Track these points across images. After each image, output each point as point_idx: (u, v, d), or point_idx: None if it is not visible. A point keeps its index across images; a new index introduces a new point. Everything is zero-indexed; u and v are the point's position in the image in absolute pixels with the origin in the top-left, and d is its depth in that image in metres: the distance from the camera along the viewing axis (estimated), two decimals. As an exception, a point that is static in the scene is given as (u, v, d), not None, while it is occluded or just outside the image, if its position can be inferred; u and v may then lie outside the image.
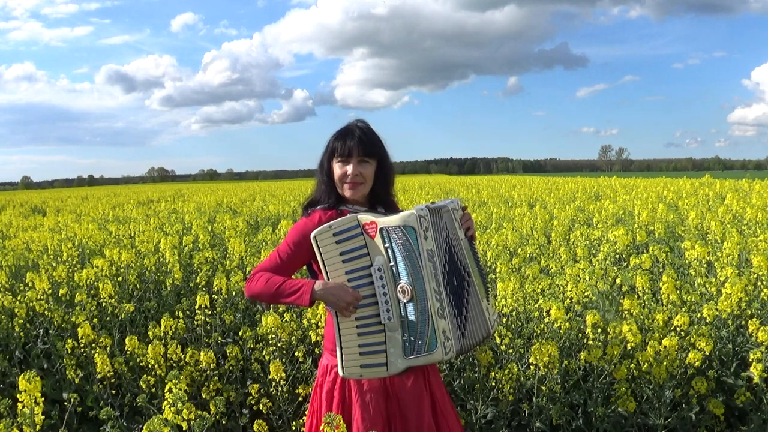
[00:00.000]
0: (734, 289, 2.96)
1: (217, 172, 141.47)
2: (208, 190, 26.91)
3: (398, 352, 1.86)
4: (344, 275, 1.88)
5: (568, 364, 2.88)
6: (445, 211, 1.97)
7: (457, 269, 1.96)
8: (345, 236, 1.88)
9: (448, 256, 1.93)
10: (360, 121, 2.09)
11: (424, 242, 1.83)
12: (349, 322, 1.89)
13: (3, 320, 3.54)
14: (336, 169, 2.02)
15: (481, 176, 60.41)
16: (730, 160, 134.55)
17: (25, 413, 1.92)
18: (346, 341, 1.89)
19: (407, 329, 1.85)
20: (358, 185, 2.02)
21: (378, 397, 1.96)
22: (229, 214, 9.09)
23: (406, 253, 1.83)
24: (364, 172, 2.01)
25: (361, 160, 2.01)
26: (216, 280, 3.72)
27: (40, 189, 66.18)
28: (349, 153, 1.99)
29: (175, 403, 1.69)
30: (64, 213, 12.79)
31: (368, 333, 1.88)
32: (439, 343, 1.83)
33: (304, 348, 3.12)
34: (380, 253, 1.86)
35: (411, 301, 1.83)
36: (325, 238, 1.88)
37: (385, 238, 1.84)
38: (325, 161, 2.06)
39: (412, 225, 1.82)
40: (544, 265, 4.47)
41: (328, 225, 1.89)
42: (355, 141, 2.00)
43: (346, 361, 1.89)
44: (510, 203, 11.02)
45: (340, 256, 1.88)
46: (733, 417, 2.97)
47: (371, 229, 1.86)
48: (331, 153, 2.04)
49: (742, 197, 7.84)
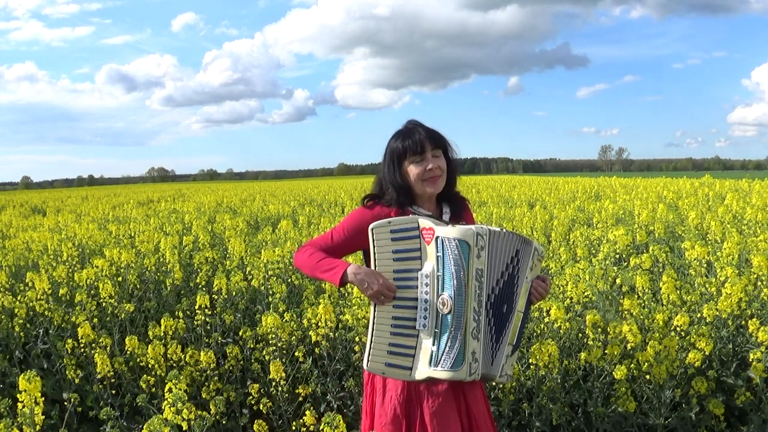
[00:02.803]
0: (734, 289, 2.96)
1: (217, 172, 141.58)
2: (208, 190, 26.93)
3: (425, 360, 1.85)
4: (392, 273, 1.88)
5: (568, 364, 2.89)
6: (524, 242, 1.97)
7: (511, 300, 1.95)
8: (402, 235, 1.87)
9: (505, 283, 1.92)
10: (411, 120, 2.09)
11: (476, 260, 1.83)
12: (385, 320, 1.89)
13: (3, 320, 3.54)
14: (412, 169, 2.00)
15: (481, 176, 60.37)
16: (730, 160, 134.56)
17: (25, 413, 1.92)
18: (378, 336, 1.89)
19: (438, 340, 1.84)
20: (437, 178, 2.02)
21: (399, 401, 1.96)
22: (229, 214, 9.10)
23: (455, 266, 1.81)
24: (441, 165, 2.02)
25: (434, 154, 2.02)
26: (216, 280, 3.72)
27: (40, 189, 66.19)
28: (422, 148, 1.99)
29: (175, 403, 1.69)
30: (64, 213, 12.80)
31: (401, 335, 1.87)
32: (466, 363, 1.82)
33: (304, 348, 3.12)
34: (431, 260, 1.85)
35: (449, 314, 1.82)
36: (381, 232, 1.88)
37: (439, 248, 1.83)
38: (394, 164, 2.02)
39: (467, 240, 1.81)
40: (544, 265, 4.47)
41: (388, 221, 1.89)
42: (424, 135, 2.00)
43: (373, 356, 1.89)
44: (510, 203, 11.02)
45: (393, 254, 1.88)
46: (733, 417, 2.97)
47: (428, 235, 1.85)
48: (400, 155, 2.01)
49: (742, 197, 7.85)
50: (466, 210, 2.17)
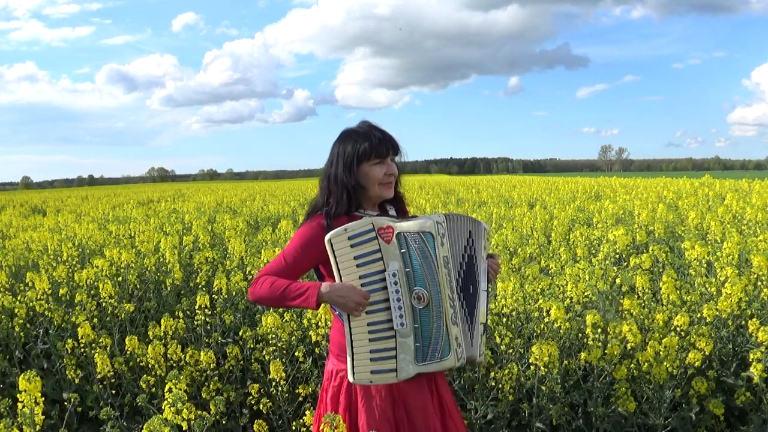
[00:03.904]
0: (734, 289, 2.96)
1: (217, 172, 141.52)
2: (208, 190, 26.91)
3: (409, 359, 1.84)
4: (358, 279, 1.85)
5: (568, 364, 2.88)
6: (473, 222, 1.97)
7: (474, 280, 1.95)
8: (360, 239, 1.84)
9: (467, 264, 1.92)
10: (365, 121, 2.05)
11: (440, 249, 1.83)
12: (360, 328, 1.85)
13: (3, 320, 3.54)
14: (374, 171, 1.96)
15: (481, 176, 60.40)
16: (730, 160, 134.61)
17: (25, 413, 1.92)
18: (357, 347, 1.86)
19: (421, 336, 1.83)
20: (392, 184, 2.01)
21: (384, 403, 1.95)
22: (229, 214, 9.09)
23: (423, 259, 1.81)
24: (395, 171, 2.01)
25: (391, 158, 2.00)
26: (216, 280, 3.72)
27: (40, 189, 66.16)
28: (387, 152, 1.96)
29: (175, 403, 1.69)
30: (64, 213, 12.79)
31: (380, 339, 1.85)
32: (452, 350, 1.82)
33: (304, 348, 3.12)
34: (395, 258, 1.83)
35: (426, 308, 1.82)
36: (339, 242, 1.84)
37: (402, 244, 1.82)
38: (352, 165, 1.95)
39: (430, 231, 1.81)
40: (544, 265, 4.47)
41: (344, 228, 1.83)
42: (388, 138, 1.98)
43: (356, 367, 1.86)
44: (510, 203, 11.02)
45: (355, 260, 1.84)
46: (733, 417, 2.97)
47: (387, 233, 1.83)
48: (361, 155, 1.95)
49: (742, 197, 7.85)
50: (404, 205, 2.15)
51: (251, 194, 18.84)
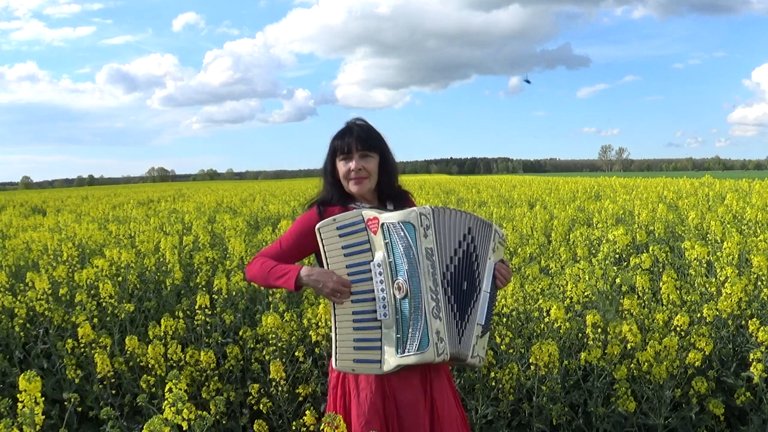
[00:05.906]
0: (734, 289, 2.96)
1: (217, 171, 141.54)
2: (208, 189, 26.91)
3: (392, 350, 1.85)
4: (345, 269, 1.89)
5: (568, 364, 2.89)
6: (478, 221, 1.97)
7: (472, 278, 1.94)
8: (348, 230, 1.89)
9: (462, 261, 1.91)
10: (358, 119, 2.14)
11: (423, 240, 1.83)
12: (346, 316, 1.89)
13: (3, 320, 3.54)
14: (340, 167, 2.07)
15: (481, 176, 60.40)
16: (730, 160, 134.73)
17: (25, 413, 1.92)
18: (341, 334, 1.89)
19: (401, 326, 1.84)
20: (363, 180, 2.05)
21: (375, 396, 1.96)
22: (229, 214, 9.09)
23: (404, 249, 1.83)
24: (367, 166, 2.05)
25: (362, 155, 2.05)
26: (216, 280, 3.72)
27: (40, 189, 66.17)
28: (349, 149, 2.05)
29: (175, 403, 1.69)
30: (64, 213, 12.79)
31: (364, 328, 1.87)
32: (431, 343, 1.81)
33: (304, 348, 3.12)
34: (380, 249, 1.85)
35: (405, 298, 1.82)
36: (328, 231, 1.90)
37: (386, 234, 1.85)
38: (328, 162, 2.11)
39: (411, 222, 1.83)
40: (544, 265, 4.47)
41: (333, 218, 1.91)
42: (354, 137, 2.05)
43: (340, 354, 1.89)
44: (510, 203, 11.02)
45: (342, 250, 1.89)
46: (733, 417, 2.97)
47: (373, 224, 1.86)
48: (333, 152, 2.09)
49: (742, 197, 7.84)
50: (409, 203, 2.18)
51: (251, 194, 18.84)
